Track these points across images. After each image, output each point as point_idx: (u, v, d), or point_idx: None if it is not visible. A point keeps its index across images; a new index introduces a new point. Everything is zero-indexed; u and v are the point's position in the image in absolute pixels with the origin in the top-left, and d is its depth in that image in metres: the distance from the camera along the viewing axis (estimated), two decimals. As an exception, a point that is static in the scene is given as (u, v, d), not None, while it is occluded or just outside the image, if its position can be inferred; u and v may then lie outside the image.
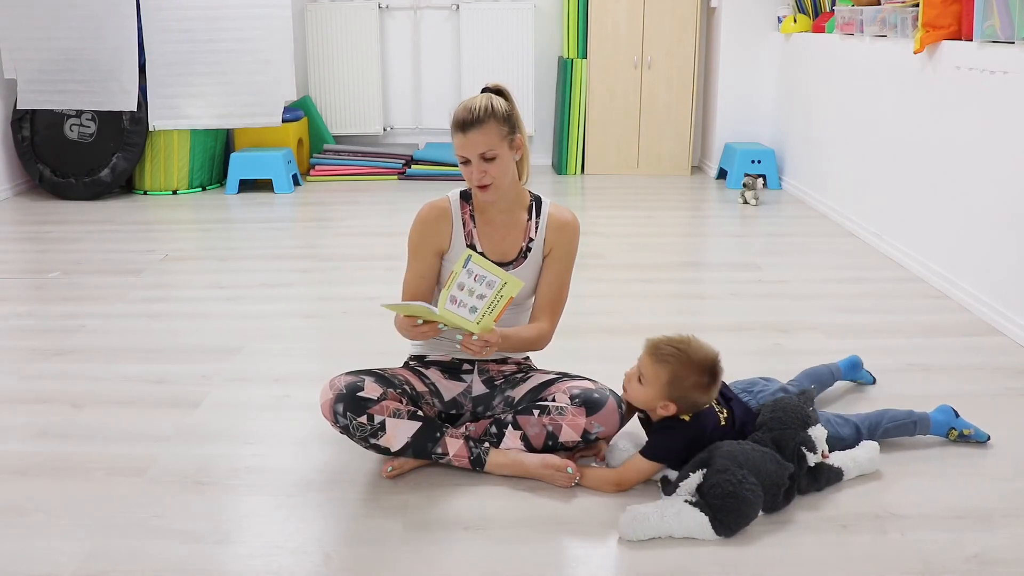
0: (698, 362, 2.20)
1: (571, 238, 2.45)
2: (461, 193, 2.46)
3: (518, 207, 2.45)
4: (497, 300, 2.19)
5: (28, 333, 3.46)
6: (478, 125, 2.27)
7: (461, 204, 2.45)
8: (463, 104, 2.32)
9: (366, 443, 2.29)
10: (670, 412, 2.24)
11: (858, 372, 2.89)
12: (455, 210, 2.44)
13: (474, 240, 2.42)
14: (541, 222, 2.45)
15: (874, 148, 4.62)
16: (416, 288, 2.43)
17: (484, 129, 2.27)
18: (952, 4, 3.78)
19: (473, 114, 2.27)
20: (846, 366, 2.86)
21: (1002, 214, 3.40)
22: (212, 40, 5.88)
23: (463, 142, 2.29)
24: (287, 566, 1.98)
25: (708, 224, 5.39)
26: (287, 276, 4.21)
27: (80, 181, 5.84)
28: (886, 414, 2.49)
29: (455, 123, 2.30)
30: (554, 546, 2.06)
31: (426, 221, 2.42)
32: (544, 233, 2.45)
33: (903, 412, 2.50)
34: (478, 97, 2.32)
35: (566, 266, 2.47)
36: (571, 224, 2.46)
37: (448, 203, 2.44)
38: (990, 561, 1.98)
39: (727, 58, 6.46)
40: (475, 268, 2.18)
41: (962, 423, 2.52)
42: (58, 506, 2.22)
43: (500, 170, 2.31)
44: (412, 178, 6.47)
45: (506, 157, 2.32)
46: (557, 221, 2.46)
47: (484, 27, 6.66)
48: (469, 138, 2.28)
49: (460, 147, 2.30)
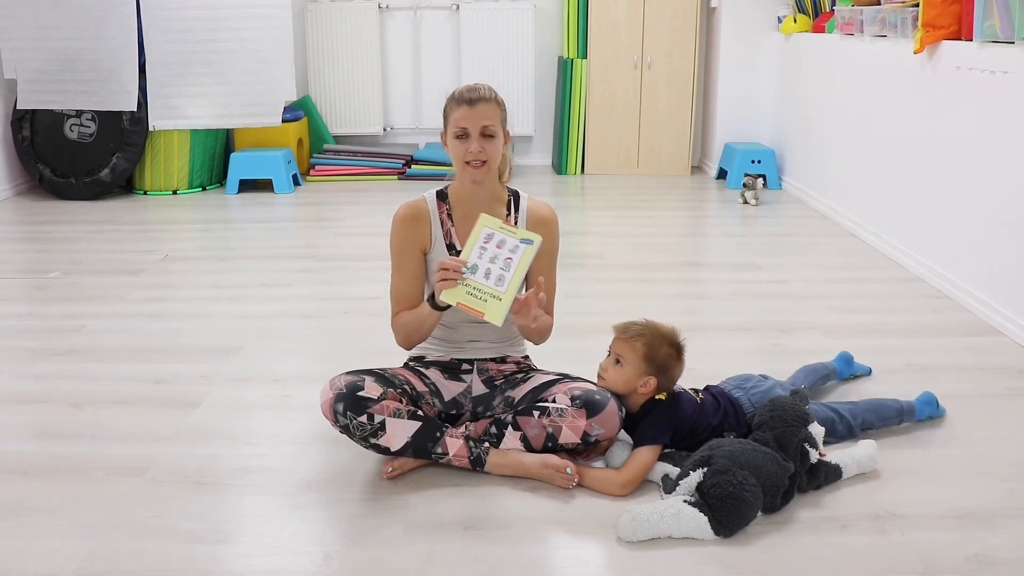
0: (666, 334, 2.38)
1: (553, 232, 2.46)
2: (437, 193, 2.47)
3: (496, 202, 2.45)
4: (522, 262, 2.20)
5: (28, 333, 3.46)
6: (485, 100, 2.31)
7: (438, 204, 2.45)
8: (465, 85, 2.36)
9: (366, 443, 2.29)
10: (650, 388, 2.35)
11: (853, 367, 2.94)
12: (432, 209, 2.44)
13: (453, 239, 2.42)
14: (520, 216, 2.46)
15: (874, 148, 4.62)
16: (409, 293, 2.41)
17: (490, 105, 2.32)
18: (952, 4, 3.78)
19: (480, 91, 2.32)
20: (840, 364, 2.91)
21: (1002, 214, 3.40)
22: (212, 40, 5.88)
23: (468, 113, 2.30)
24: (287, 566, 1.98)
25: (708, 224, 5.39)
26: (287, 276, 4.21)
27: (80, 181, 5.84)
28: (877, 412, 2.56)
29: (458, 99, 2.32)
30: (554, 546, 2.06)
31: (405, 220, 2.42)
32: (524, 227, 2.45)
33: (893, 408, 2.59)
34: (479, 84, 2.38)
35: (551, 260, 2.48)
36: (551, 218, 2.48)
37: (424, 203, 2.45)
38: (990, 561, 1.98)
39: (727, 58, 6.46)
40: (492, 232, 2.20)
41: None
42: (58, 506, 2.22)
43: (495, 151, 2.34)
44: (412, 178, 6.48)
45: (500, 141, 2.36)
46: (537, 216, 2.46)
47: (484, 27, 6.67)
48: (476, 110, 2.30)
49: (463, 119, 2.30)
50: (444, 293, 2.23)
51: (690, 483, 2.12)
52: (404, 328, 2.41)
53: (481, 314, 2.20)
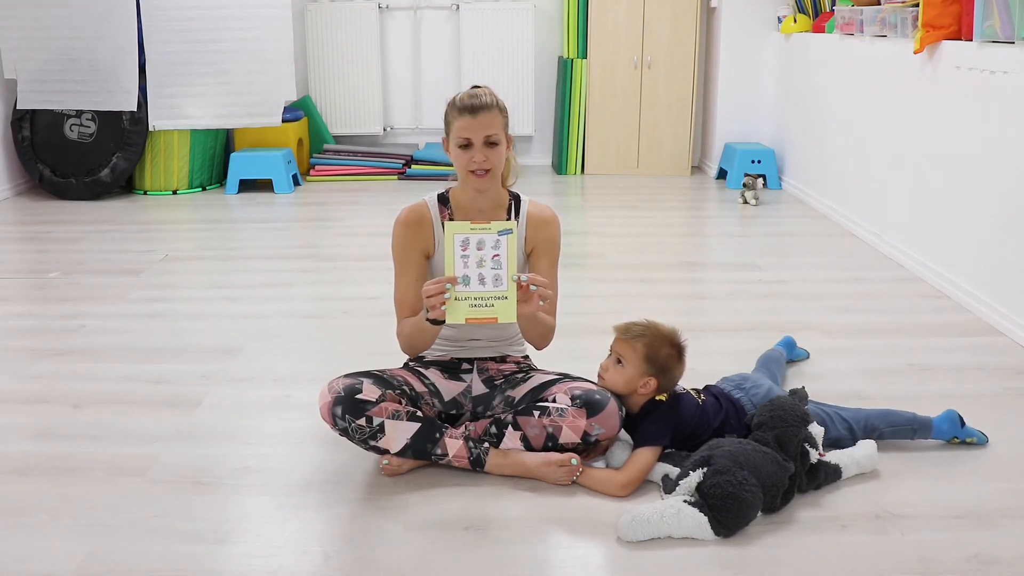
0: (667, 335, 2.38)
1: (553, 233, 2.46)
2: (438, 196, 2.46)
3: (498, 207, 2.44)
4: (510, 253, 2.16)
5: (28, 333, 3.46)
6: (487, 109, 2.29)
7: (439, 208, 2.44)
8: (467, 92, 2.33)
9: (366, 445, 2.29)
10: (651, 389, 2.35)
11: (794, 351, 3.03)
12: (434, 214, 2.42)
13: None
14: (521, 220, 2.45)
15: (874, 148, 4.62)
16: (413, 298, 2.38)
17: (492, 113, 2.30)
18: (952, 4, 3.78)
19: (481, 99, 2.30)
20: (786, 347, 3.01)
21: (1002, 214, 3.40)
22: (212, 40, 5.88)
23: (471, 123, 2.29)
24: (287, 566, 1.98)
25: (708, 224, 5.39)
26: (287, 276, 4.21)
27: (80, 181, 5.84)
28: (887, 418, 2.48)
29: (461, 107, 2.30)
30: (554, 546, 2.06)
31: (408, 224, 2.41)
32: (525, 231, 2.45)
33: (905, 417, 2.48)
34: (479, 87, 2.36)
35: (552, 260, 2.47)
36: (552, 220, 2.48)
37: (426, 206, 2.43)
38: (990, 561, 1.98)
39: (727, 58, 6.46)
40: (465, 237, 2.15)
41: (967, 432, 2.48)
42: (58, 506, 2.22)
43: (499, 158, 2.33)
44: (412, 178, 6.48)
45: (503, 147, 2.35)
46: (537, 219, 2.46)
47: (484, 27, 6.67)
48: (479, 120, 2.28)
49: (465, 129, 2.29)
50: (447, 315, 2.17)
51: (690, 483, 2.12)
52: (408, 338, 2.40)
53: (494, 319, 2.18)
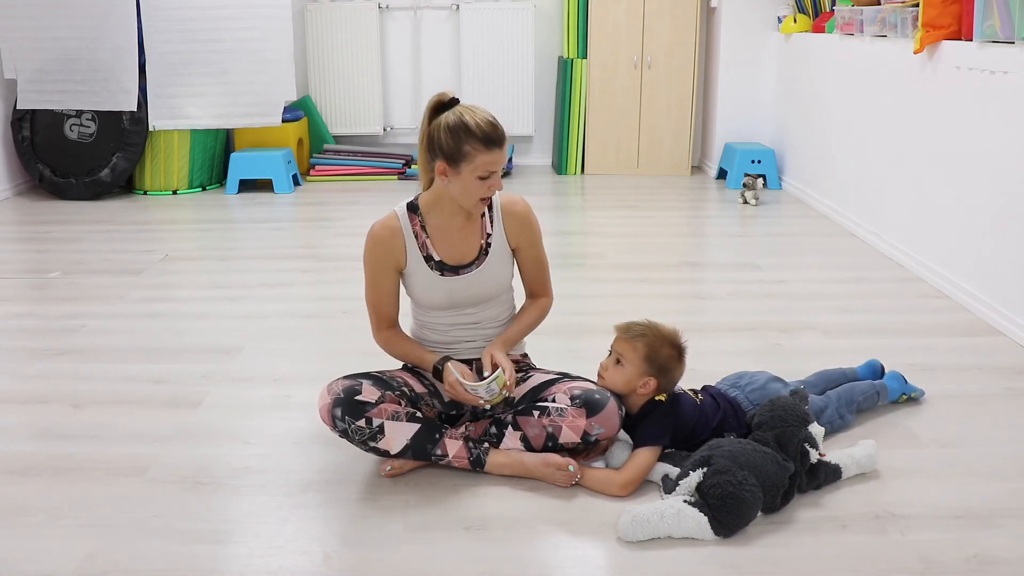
0: (667, 335, 2.38)
1: (531, 223, 2.47)
2: (408, 205, 2.43)
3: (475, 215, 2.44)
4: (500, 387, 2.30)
5: (28, 333, 3.46)
6: (505, 139, 2.27)
7: (410, 216, 2.41)
8: (484, 119, 2.23)
9: (365, 446, 2.29)
10: (650, 389, 2.35)
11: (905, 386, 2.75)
12: (405, 225, 2.40)
13: (430, 251, 2.39)
14: (495, 215, 2.45)
15: (874, 148, 4.62)
16: (386, 306, 2.44)
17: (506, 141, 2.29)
18: (952, 4, 3.78)
19: (499, 130, 2.25)
20: (869, 369, 2.82)
21: (1002, 214, 3.40)
22: (212, 40, 5.88)
23: (497, 158, 2.25)
24: (287, 566, 1.98)
25: (708, 224, 5.39)
26: (287, 276, 4.21)
27: (80, 181, 5.84)
28: (854, 389, 2.64)
29: (485, 139, 2.21)
30: (554, 546, 2.06)
31: (379, 242, 2.39)
32: (502, 226, 2.44)
33: (865, 384, 2.67)
34: (484, 111, 2.28)
35: (537, 248, 2.50)
36: (525, 209, 2.47)
37: (396, 219, 2.40)
38: (990, 561, 1.98)
39: (727, 58, 6.46)
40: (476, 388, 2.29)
41: (911, 388, 2.73)
42: (58, 506, 2.22)
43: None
44: (412, 178, 6.47)
45: None
46: (511, 212, 2.45)
47: (484, 27, 6.66)
48: (504, 152, 2.27)
49: (491, 163, 2.24)
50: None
51: (690, 483, 2.12)
52: (401, 357, 2.50)
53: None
